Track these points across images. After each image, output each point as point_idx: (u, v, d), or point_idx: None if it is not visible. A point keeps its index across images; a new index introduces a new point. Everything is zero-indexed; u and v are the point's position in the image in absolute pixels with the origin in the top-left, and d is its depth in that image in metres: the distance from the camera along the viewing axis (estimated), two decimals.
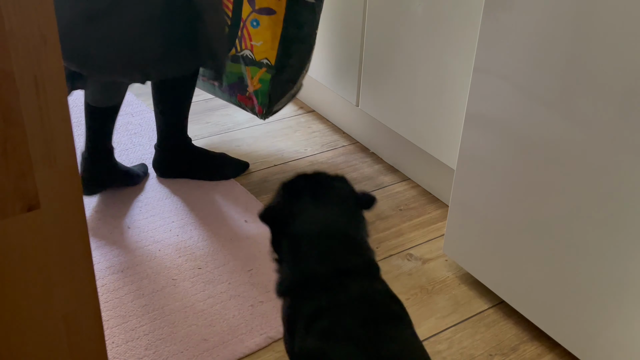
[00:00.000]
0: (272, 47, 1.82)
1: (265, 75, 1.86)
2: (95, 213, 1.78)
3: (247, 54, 1.87)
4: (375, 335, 0.91)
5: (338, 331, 0.92)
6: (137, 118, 2.26)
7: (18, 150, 0.66)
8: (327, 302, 0.96)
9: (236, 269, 1.60)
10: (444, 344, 1.43)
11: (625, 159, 1.14)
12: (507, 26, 1.27)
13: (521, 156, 1.32)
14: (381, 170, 2.06)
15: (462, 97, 1.65)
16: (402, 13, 1.78)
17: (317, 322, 0.94)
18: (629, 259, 1.18)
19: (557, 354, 1.41)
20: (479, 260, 1.52)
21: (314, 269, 0.99)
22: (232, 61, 1.93)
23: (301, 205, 1.04)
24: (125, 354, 1.36)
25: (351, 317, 0.93)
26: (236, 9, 1.85)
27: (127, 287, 1.53)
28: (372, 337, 0.91)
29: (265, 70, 1.86)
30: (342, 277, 0.98)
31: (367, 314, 0.94)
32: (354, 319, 0.93)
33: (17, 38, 0.62)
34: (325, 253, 1.00)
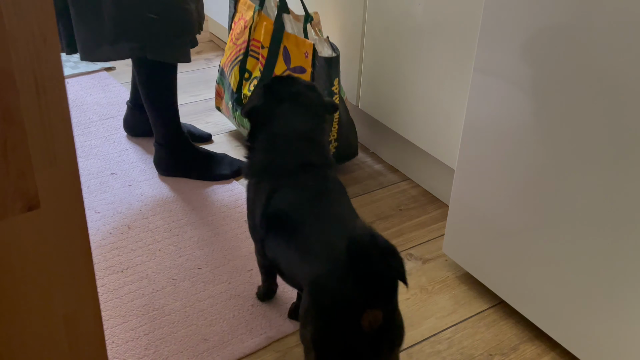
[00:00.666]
0: None
1: None
2: (95, 213, 1.78)
3: None
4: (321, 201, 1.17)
5: (293, 200, 1.19)
6: None
7: (18, 150, 0.66)
8: (287, 181, 1.22)
9: (236, 269, 1.60)
10: (444, 344, 1.43)
11: (625, 159, 1.14)
12: (507, 26, 1.27)
13: (521, 156, 1.32)
14: (381, 170, 2.06)
15: (462, 97, 1.65)
16: (402, 13, 1.78)
17: (277, 194, 1.21)
18: (629, 259, 1.18)
19: (557, 354, 1.41)
20: (479, 260, 1.52)
21: (284, 161, 1.26)
22: None
23: (280, 109, 1.29)
24: (125, 354, 1.36)
25: (304, 191, 1.20)
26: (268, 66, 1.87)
27: (127, 287, 1.53)
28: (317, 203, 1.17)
29: None
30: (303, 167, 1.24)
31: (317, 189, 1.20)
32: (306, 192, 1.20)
33: (17, 38, 0.62)
34: (294, 151, 1.26)
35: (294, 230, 1.14)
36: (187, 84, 2.54)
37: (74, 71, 2.54)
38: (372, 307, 0.96)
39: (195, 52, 2.84)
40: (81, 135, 2.14)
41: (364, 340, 0.99)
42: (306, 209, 1.16)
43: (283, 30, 1.85)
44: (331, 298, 1.00)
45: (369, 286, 0.96)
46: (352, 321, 0.97)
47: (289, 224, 1.16)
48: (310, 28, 2.06)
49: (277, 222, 1.19)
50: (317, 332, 1.03)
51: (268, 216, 1.21)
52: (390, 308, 0.99)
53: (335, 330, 1.00)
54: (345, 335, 0.99)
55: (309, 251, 1.08)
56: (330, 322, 1.01)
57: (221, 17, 2.68)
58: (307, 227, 1.12)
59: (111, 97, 2.39)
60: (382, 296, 0.97)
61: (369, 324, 0.96)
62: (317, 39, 2.01)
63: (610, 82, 1.12)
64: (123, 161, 2.01)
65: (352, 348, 1.00)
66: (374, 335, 0.99)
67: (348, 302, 0.97)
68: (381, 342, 1.01)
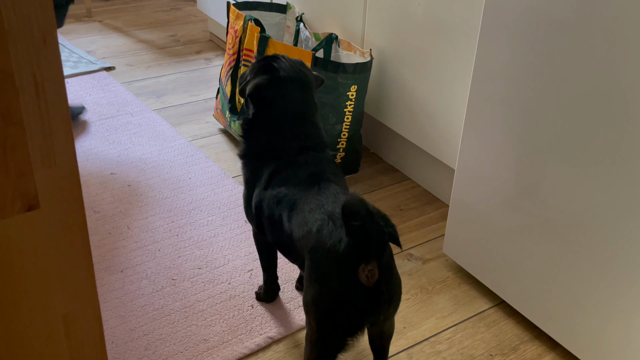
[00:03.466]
0: None
1: None
2: (95, 213, 1.78)
3: None
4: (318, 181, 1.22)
5: (291, 180, 1.24)
6: (137, 118, 2.26)
7: (18, 150, 0.66)
8: (286, 163, 1.27)
9: (236, 269, 1.60)
10: (444, 344, 1.43)
11: (625, 159, 1.14)
12: (508, 26, 1.27)
13: (521, 156, 1.32)
14: (381, 170, 2.06)
15: (462, 98, 1.65)
16: (402, 13, 1.78)
17: (277, 176, 1.26)
18: (629, 259, 1.18)
19: (557, 354, 1.41)
20: (479, 260, 1.52)
21: (284, 143, 1.29)
22: None
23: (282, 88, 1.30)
24: (125, 354, 1.36)
25: (302, 172, 1.25)
26: None
27: (127, 287, 1.53)
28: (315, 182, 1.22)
29: None
30: (302, 149, 1.29)
31: (313, 170, 1.25)
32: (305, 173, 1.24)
33: (17, 38, 0.62)
34: (294, 133, 1.30)
35: (293, 208, 1.20)
36: (186, 84, 2.54)
37: (74, 71, 2.54)
38: (366, 262, 1.03)
39: (195, 52, 2.84)
40: (81, 135, 2.14)
41: (362, 294, 1.05)
42: (305, 188, 1.21)
43: (267, 40, 1.85)
44: (327, 259, 1.07)
45: (362, 243, 1.03)
46: (349, 277, 1.04)
47: (289, 202, 1.21)
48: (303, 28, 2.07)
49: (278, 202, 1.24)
50: (317, 292, 1.09)
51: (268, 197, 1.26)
52: (384, 262, 1.06)
53: (334, 287, 1.07)
54: (344, 291, 1.06)
55: (307, 223, 1.14)
56: (329, 280, 1.08)
57: (221, 17, 2.69)
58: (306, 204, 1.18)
59: (111, 97, 2.40)
60: (375, 251, 1.03)
61: (366, 278, 1.03)
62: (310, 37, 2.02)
63: (611, 81, 1.12)
64: (123, 161, 2.01)
65: (351, 303, 1.06)
66: (372, 290, 1.05)
67: (343, 259, 1.05)
68: (380, 296, 1.07)
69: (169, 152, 2.07)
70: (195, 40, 2.99)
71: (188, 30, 3.09)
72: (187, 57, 2.79)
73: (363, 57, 1.90)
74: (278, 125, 1.30)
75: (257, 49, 1.88)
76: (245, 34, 1.95)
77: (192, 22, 3.20)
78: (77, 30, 3.02)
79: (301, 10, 2.17)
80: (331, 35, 1.94)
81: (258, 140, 1.32)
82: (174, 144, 2.12)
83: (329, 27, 2.07)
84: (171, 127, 2.21)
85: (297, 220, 1.17)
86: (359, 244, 1.03)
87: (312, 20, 2.14)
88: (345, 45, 1.96)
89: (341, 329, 1.10)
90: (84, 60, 2.65)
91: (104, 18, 3.18)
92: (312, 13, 2.13)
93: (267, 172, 1.28)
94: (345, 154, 1.95)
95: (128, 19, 3.19)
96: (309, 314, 1.13)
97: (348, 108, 1.87)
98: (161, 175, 1.96)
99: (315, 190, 1.20)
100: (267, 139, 1.31)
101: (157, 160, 2.03)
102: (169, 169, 1.99)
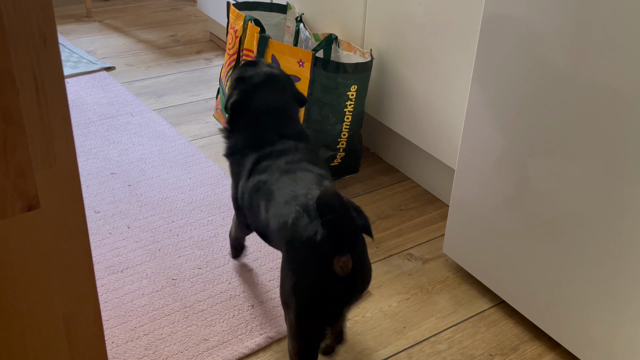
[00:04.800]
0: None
1: None
2: (95, 213, 1.78)
3: None
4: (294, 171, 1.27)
5: (270, 169, 1.30)
6: (137, 118, 2.26)
7: (18, 150, 0.66)
8: (266, 153, 1.33)
9: (236, 269, 1.60)
10: (444, 344, 1.43)
11: (625, 160, 1.14)
12: (508, 25, 1.27)
13: (521, 156, 1.32)
14: (381, 170, 2.06)
15: (462, 98, 1.65)
16: (402, 13, 1.78)
17: (257, 166, 1.33)
18: (629, 259, 1.18)
19: (557, 354, 1.41)
20: (479, 260, 1.52)
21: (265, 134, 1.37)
22: None
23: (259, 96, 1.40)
24: (125, 354, 1.36)
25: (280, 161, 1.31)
26: None
27: (127, 287, 1.53)
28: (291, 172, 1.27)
29: None
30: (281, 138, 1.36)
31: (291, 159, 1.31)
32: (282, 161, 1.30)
33: (17, 38, 0.62)
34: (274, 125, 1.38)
35: (270, 198, 1.26)
36: (186, 84, 2.54)
37: (74, 71, 2.54)
38: (341, 254, 1.08)
39: (195, 52, 2.85)
40: (81, 135, 2.14)
41: (338, 284, 1.11)
42: (281, 177, 1.27)
43: (267, 40, 1.85)
44: (304, 251, 1.12)
45: (336, 236, 1.08)
46: (326, 268, 1.10)
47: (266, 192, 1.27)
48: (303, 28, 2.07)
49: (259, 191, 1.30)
50: (296, 283, 1.14)
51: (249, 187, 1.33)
52: (357, 253, 1.12)
53: (312, 278, 1.12)
54: (321, 281, 1.12)
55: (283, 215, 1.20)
56: (306, 271, 1.13)
57: (221, 17, 2.69)
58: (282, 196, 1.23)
59: (111, 97, 2.40)
60: (348, 244, 1.09)
61: (340, 269, 1.09)
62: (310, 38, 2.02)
63: (611, 83, 1.12)
64: (123, 161, 2.01)
65: (329, 292, 1.12)
66: (347, 278, 1.11)
67: (319, 251, 1.10)
68: (355, 284, 1.13)
69: (169, 152, 2.07)
70: (195, 40, 2.99)
71: (188, 30, 3.09)
72: (187, 57, 2.79)
73: (363, 57, 1.90)
74: (257, 121, 1.39)
75: (257, 49, 1.88)
76: (245, 34, 1.95)
77: (192, 22, 3.20)
78: (77, 30, 3.02)
79: (301, 11, 2.17)
80: (331, 36, 1.94)
81: (241, 137, 1.39)
82: (174, 144, 2.12)
83: (329, 27, 2.07)
84: (171, 127, 2.21)
85: (273, 212, 1.23)
86: (333, 237, 1.08)
87: (312, 20, 2.14)
88: (345, 46, 1.96)
89: (321, 319, 1.16)
90: (84, 60, 2.65)
91: (104, 18, 3.18)
92: (312, 13, 2.13)
93: (249, 163, 1.34)
94: (345, 154, 1.95)
95: (128, 19, 3.19)
96: (288, 308, 1.17)
97: (348, 108, 1.87)
98: (161, 175, 1.96)
99: (291, 180, 1.25)
100: (249, 133, 1.38)
101: (157, 160, 2.03)
102: (169, 169, 1.99)
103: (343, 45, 1.96)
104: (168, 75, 2.61)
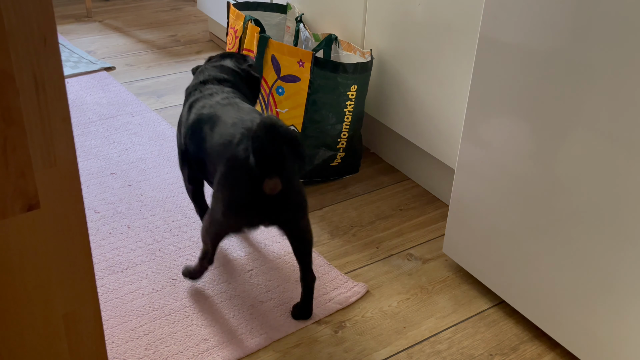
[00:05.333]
0: (297, 114, 1.84)
1: None
2: (95, 213, 1.78)
3: None
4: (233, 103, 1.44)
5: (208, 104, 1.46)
6: (137, 118, 2.26)
7: (18, 150, 0.66)
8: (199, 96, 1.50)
9: (236, 269, 1.60)
10: (444, 344, 1.43)
11: (625, 160, 1.14)
12: (508, 26, 1.27)
13: (521, 156, 1.32)
14: (381, 170, 2.06)
15: (462, 97, 1.65)
16: (402, 13, 1.78)
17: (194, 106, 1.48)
18: (629, 259, 1.18)
19: (557, 354, 1.41)
20: (479, 260, 1.52)
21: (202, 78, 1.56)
22: None
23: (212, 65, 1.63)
24: (125, 354, 1.36)
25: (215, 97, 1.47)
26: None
27: (127, 287, 1.53)
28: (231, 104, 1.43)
29: None
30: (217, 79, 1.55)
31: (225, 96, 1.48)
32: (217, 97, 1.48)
33: (17, 38, 0.62)
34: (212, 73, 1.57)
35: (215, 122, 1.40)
36: (186, 84, 2.54)
37: (74, 71, 2.55)
38: (270, 176, 1.22)
39: (195, 52, 2.85)
40: (81, 135, 2.14)
41: (268, 203, 1.27)
42: (223, 107, 1.43)
43: (267, 40, 1.85)
44: (240, 169, 1.27)
45: (266, 160, 1.21)
46: (256, 187, 1.24)
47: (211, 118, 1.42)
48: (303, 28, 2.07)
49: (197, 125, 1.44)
50: (228, 196, 1.29)
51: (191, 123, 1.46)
52: (287, 177, 1.26)
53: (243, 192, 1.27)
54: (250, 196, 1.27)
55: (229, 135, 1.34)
56: (238, 187, 1.28)
57: (221, 17, 2.69)
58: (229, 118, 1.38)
59: (111, 97, 2.40)
60: (278, 167, 1.22)
61: (269, 189, 1.24)
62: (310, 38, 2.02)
63: (612, 83, 1.12)
64: (123, 161, 2.01)
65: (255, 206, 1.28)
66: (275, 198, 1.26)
67: (252, 172, 1.24)
68: (286, 205, 1.30)
69: (169, 152, 2.07)
70: (195, 40, 2.99)
71: (188, 31, 3.09)
72: (188, 57, 2.79)
73: (363, 57, 1.90)
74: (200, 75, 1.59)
75: (257, 49, 1.88)
76: (245, 34, 1.95)
77: (192, 22, 3.20)
78: (77, 30, 3.02)
79: (301, 11, 2.17)
80: (330, 36, 1.94)
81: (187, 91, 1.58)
82: (174, 144, 2.12)
83: (329, 27, 2.07)
84: (171, 127, 2.21)
85: (220, 131, 1.36)
86: (266, 161, 1.21)
87: (312, 20, 2.14)
88: (345, 46, 1.96)
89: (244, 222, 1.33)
90: (84, 60, 2.65)
91: (104, 18, 3.18)
92: (312, 13, 2.13)
93: (186, 107, 1.50)
94: (345, 154, 1.95)
95: (128, 19, 3.19)
96: (217, 203, 1.33)
97: (348, 108, 1.87)
98: (161, 175, 1.96)
99: (235, 108, 1.41)
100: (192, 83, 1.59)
101: (157, 160, 2.03)
102: (169, 169, 1.99)
103: (343, 45, 1.96)
104: (168, 75, 2.62)
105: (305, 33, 2.05)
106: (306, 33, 2.04)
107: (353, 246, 1.71)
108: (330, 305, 1.51)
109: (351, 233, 1.76)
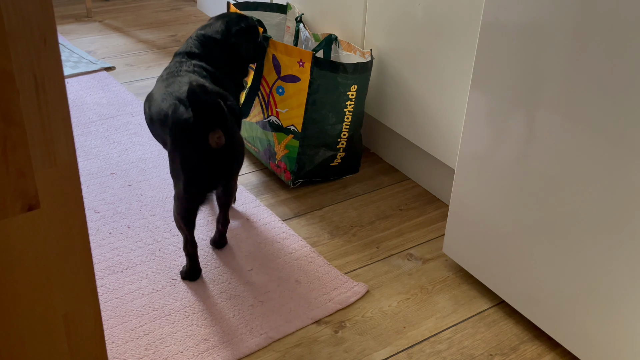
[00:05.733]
0: (297, 114, 1.84)
1: (292, 142, 1.87)
2: (95, 213, 1.78)
3: (273, 120, 1.90)
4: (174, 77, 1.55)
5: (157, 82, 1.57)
6: (137, 118, 2.26)
7: (18, 150, 0.66)
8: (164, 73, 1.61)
9: (236, 269, 1.60)
10: (444, 344, 1.43)
11: (624, 160, 1.14)
12: (507, 26, 1.27)
13: (521, 156, 1.32)
14: (381, 170, 2.06)
15: (462, 97, 1.65)
16: (402, 13, 1.78)
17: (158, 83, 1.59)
18: (629, 259, 1.18)
19: (557, 354, 1.41)
20: (479, 260, 1.52)
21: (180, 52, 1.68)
22: (261, 127, 1.96)
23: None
24: (125, 354, 1.36)
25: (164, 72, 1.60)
26: (256, 75, 1.91)
27: (127, 287, 1.53)
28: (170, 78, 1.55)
29: (292, 137, 1.87)
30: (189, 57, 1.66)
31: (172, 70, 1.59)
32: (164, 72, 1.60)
33: (17, 38, 0.62)
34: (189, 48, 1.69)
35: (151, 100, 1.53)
36: None
37: (74, 71, 2.54)
38: (213, 130, 1.35)
39: None
40: (81, 135, 2.14)
41: (216, 156, 1.39)
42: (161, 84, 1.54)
43: (267, 40, 1.85)
44: (183, 132, 1.39)
45: (207, 117, 1.34)
46: (203, 143, 1.36)
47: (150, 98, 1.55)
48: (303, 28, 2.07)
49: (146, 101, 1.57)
50: (182, 159, 1.40)
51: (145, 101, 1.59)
52: (228, 130, 1.38)
53: (194, 152, 1.39)
54: (202, 153, 1.38)
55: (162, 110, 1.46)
56: (188, 148, 1.39)
57: None
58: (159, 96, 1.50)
59: (111, 97, 2.40)
60: (217, 121, 1.35)
61: (215, 143, 1.36)
62: (310, 38, 2.02)
63: (612, 80, 1.12)
64: (123, 161, 2.01)
65: (209, 162, 1.39)
66: (221, 151, 1.38)
67: (195, 130, 1.37)
68: (231, 157, 1.42)
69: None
70: None
71: (188, 30, 3.09)
72: None
73: (363, 57, 1.90)
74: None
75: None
76: None
77: (192, 22, 3.20)
78: (77, 30, 3.02)
79: (301, 11, 2.17)
80: (330, 36, 1.94)
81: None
82: None
83: (329, 27, 2.07)
84: None
85: (155, 110, 1.49)
86: (205, 118, 1.34)
87: (312, 20, 2.14)
88: (345, 46, 1.96)
89: (204, 185, 1.43)
90: (84, 60, 2.65)
91: (104, 18, 3.18)
92: (312, 13, 2.13)
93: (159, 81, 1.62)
94: (345, 154, 1.95)
95: (128, 19, 3.19)
96: (178, 179, 1.44)
97: (348, 108, 1.87)
98: (161, 175, 1.96)
99: (165, 85, 1.52)
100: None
101: (157, 160, 2.03)
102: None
103: (343, 45, 1.96)
104: None
105: (305, 33, 2.05)
106: (306, 33, 2.04)
107: (353, 246, 1.71)
108: (330, 305, 1.51)
109: (351, 233, 1.76)
